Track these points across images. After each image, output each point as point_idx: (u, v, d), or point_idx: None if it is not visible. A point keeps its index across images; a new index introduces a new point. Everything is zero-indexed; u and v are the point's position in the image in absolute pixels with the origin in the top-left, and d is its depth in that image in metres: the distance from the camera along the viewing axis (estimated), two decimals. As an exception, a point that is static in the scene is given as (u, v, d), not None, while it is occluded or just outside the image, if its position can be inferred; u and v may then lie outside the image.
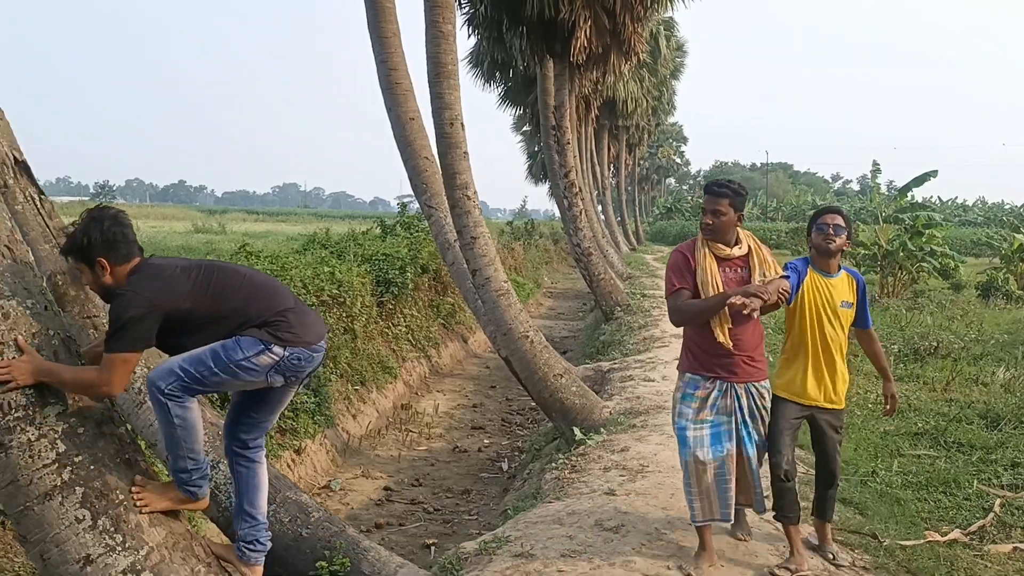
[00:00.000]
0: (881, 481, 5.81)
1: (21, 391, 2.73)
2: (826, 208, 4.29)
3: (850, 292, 4.27)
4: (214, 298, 3.07)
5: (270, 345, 3.06)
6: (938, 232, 19.55)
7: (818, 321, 4.19)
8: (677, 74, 43.25)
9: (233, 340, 3.04)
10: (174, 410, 2.96)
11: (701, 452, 4.05)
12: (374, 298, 12.09)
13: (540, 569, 3.96)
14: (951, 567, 4.38)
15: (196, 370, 2.98)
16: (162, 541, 2.88)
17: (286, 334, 3.09)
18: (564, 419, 7.68)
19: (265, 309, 3.12)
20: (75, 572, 2.72)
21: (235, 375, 3.04)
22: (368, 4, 8.81)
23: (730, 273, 4.10)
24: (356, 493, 8.22)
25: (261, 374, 3.09)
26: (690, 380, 4.16)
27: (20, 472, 2.71)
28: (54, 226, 4.06)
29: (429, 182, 8.92)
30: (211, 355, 3.00)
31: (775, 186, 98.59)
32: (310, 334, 3.19)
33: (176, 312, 2.97)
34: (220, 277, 3.15)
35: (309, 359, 3.20)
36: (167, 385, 2.95)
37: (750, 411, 4.14)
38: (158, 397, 2.97)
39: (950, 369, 9.78)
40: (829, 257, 4.22)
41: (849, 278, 4.30)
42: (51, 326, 2.90)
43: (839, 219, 4.20)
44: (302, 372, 3.23)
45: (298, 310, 3.23)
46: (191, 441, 3.03)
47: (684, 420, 4.13)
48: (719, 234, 4.10)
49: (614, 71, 17.97)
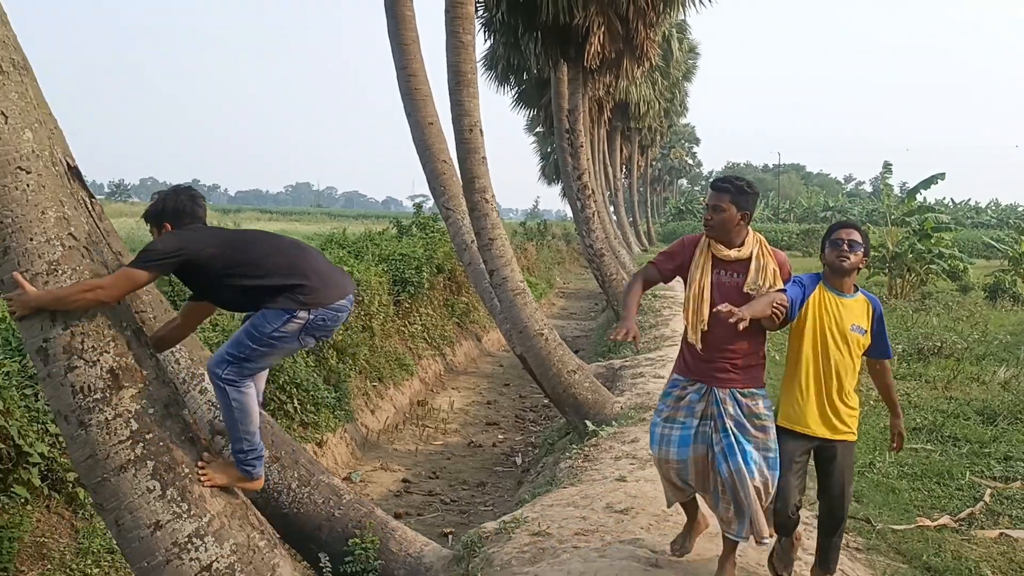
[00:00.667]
0: (878, 472, 6.13)
1: (98, 376, 3.08)
2: (842, 223, 3.99)
3: (864, 317, 3.88)
4: (236, 247, 3.39)
5: (295, 312, 3.30)
6: (946, 234, 19.76)
7: (823, 344, 3.83)
8: (689, 76, 43.51)
9: (260, 315, 3.32)
10: (232, 394, 3.29)
11: (664, 451, 3.93)
12: (391, 297, 12.41)
13: (555, 545, 4.30)
14: (939, 549, 4.70)
15: (239, 351, 3.30)
16: (222, 510, 3.23)
17: (308, 297, 3.32)
18: (577, 413, 8.01)
19: (285, 269, 3.35)
20: (146, 536, 3.08)
21: (273, 346, 3.33)
22: (389, 12, 9.15)
23: (724, 276, 3.88)
24: (376, 485, 8.55)
25: (294, 339, 3.35)
26: (674, 380, 4.06)
27: (98, 447, 3.06)
28: (103, 228, 4.43)
29: (447, 185, 9.27)
30: (246, 335, 3.30)
31: (787, 187, 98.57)
32: (332, 295, 3.39)
33: (203, 255, 3.29)
34: (247, 232, 3.56)
35: (334, 318, 3.43)
36: (223, 372, 3.29)
37: (737, 420, 3.86)
38: (218, 383, 3.30)
39: (952, 368, 10.05)
40: (843, 276, 3.87)
41: (865, 302, 3.92)
42: (124, 318, 3.26)
43: (855, 234, 3.86)
44: (330, 330, 3.48)
45: (321, 271, 3.44)
46: (247, 423, 3.35)
47: (657, 417, 4.04)
48: (717, 231, 3.88)
49: (627, 75, 18.28)
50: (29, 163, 3.10)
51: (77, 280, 3.12)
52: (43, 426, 5.13)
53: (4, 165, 3.04)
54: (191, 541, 3.10)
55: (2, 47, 3.14)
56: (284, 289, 3.32)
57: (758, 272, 3.84)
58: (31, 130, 3.14)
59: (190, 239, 3.34)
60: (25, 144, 3.10)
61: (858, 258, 3.85)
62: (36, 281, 3.06)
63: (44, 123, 3.26)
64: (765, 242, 3.97)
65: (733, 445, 3.79)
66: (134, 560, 3.12)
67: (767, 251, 3.92)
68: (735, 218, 3.84)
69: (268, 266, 3.37)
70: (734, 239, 3.88)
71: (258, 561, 3.25)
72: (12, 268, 3.06)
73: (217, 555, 3.14)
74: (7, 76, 3.11)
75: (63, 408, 3.09)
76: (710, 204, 3.90)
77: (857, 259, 3.84)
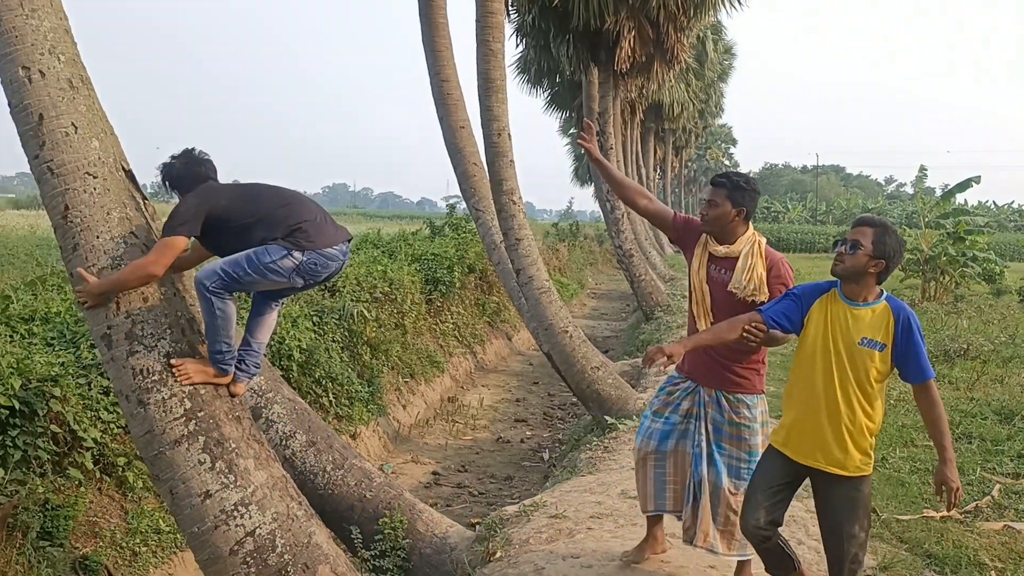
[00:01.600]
0: (890, 467, 6.30)
1: (156, 359, 3.43)
2: (859, 219, 3.49)
3: (882, 330, 3.33)
4: (247, 199, 3.74)
5: (291, 251, 3.64)
6: (980, 237, 19.62)
7: (823, 359, 3.38)
8: (725, 77, 43.34)
9: (262, 247, 3.66)
10: (216, 303, 3.59)
11: (646, 443, 3.99)
12: (423, 296, 12.69)
13: (571, 527, 4.58)
14: (941, 538, 4.88)
15: (234, 271, 3.61)
16: (264, 482, 3.56)
17: (305, 241, 3.67)
18: (600, 408, 8.27)
19: (290, 217, 3.70)
20: (197, 504, 3.42)
21: (264, 275, 3.65)
22: (423, 19, 9.51)
23: (714, 271, 3.88)
24: (406, 476, 8.83)
25: (285, 275, 3.69)
26: (670, 377, 4.10)
27: (155, 424, 3.41)
28: (156, 227, 4.80)
29: (477, 186, 9.59)
30: (245, 259, 3.63)
31: (826, 189, 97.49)
32: (324, 241, 3.72)
33: (217, 209, 3.64)
34: (257, 185, 3.87)
35: (325, 264, 3.77)
36: (211, 283, 3.58)
37: (716, 426, 3.86)
38: (204, 293, 3.60)
39: (978, 370, 10.11)
40: (844, 280, 3.42)
41: (886, 311, 3.34)
42: (179, 308, 3.62)
43: (862, 232, 3.36)
44: (319, 275, 3.80)
45: (317, 221, 3.77)
46: (227, 328, 3.66)
47: (648, 411, 4.11)
48: (711, 225, 3.86)
49: (658, 78, 18.45)
50: (96, 168, 3.46)
51: None
52: (95, 413, 5.45)
53: (74, 171, 3.40)
54: (237, 509, 3.44)
55: (72, 64, 3.51)
56: (287, 233, 3.68)
57: (743, 272, 3.77)
58: (97, 139, 3.51)
59: (205, 195, 3.67)
60: (92, 152, 3.46)
61: (857, 260, 3.32)
62: (101, 276, 3.42)
63: (106, 132, 3.62)
64: (762, 243, 3.89)
65: (705, 450, 3.84)
66: (186, 526, 3.47)
67: (758, 252, 3.83)
68: (730, 214, 3.81)
69: (278, 217, 3.72)
70: (728, 235, 3.86)
71: (296, 529, 3.58)
72: (80, 263, 3.43)
73: (260, 522, 3.48)
74: (76, 91, 3.48)
75: (124, 388, 3.44)
76: (706, 198, 3.90)
77: (855, 262, 3.33)
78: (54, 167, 3.39)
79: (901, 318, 3.31)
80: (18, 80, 3.37)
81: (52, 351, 5.75)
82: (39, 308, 6.60)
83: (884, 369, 3.34)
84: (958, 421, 7.64)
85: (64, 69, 3.45)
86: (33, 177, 3.55)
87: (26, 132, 3.42)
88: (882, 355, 3.30)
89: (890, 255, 3.34)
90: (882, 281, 3.39)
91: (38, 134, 3.39)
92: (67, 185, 3.40)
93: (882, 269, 3.34)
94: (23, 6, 3.38)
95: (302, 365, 8.17)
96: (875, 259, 3.32)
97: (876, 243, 3.32)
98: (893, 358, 3.32)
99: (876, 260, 3.32)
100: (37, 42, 3.39)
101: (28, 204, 43.72)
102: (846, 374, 3.32)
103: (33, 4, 3.40)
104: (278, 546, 3.51)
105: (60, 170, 3.39)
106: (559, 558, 4.22)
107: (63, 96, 3.42)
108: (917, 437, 7.21)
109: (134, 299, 3.46)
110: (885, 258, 3.33)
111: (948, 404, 8.45)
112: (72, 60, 3.51)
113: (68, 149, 3.40)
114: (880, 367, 3.32)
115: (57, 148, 3.39)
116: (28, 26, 3.37)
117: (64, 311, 6.59)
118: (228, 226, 3.67)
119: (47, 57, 3.41)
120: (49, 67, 3.41)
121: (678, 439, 3.95)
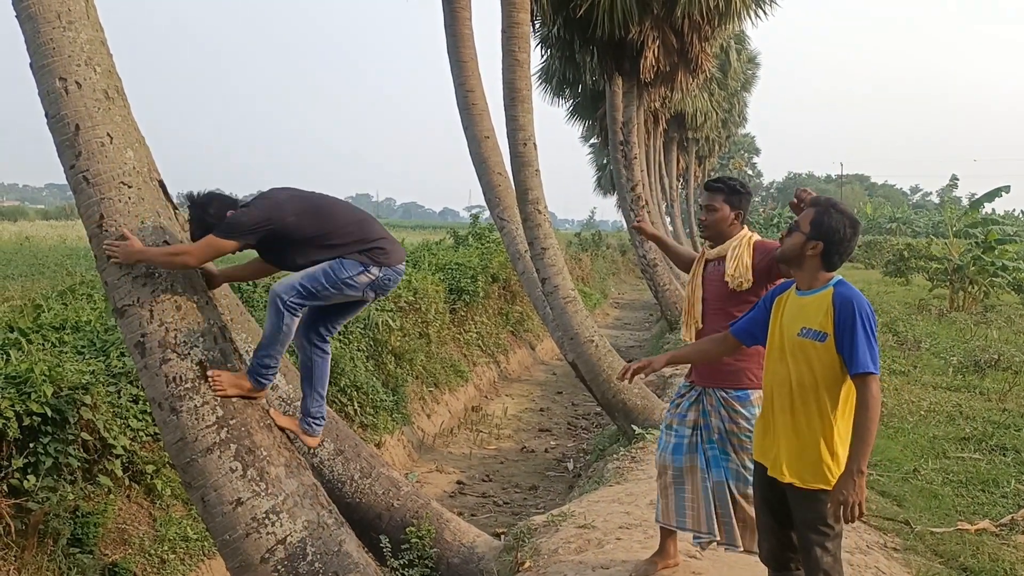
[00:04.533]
0: (922, 479, 6.22)
1: (189, 367, 3.46)
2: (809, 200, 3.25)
3: (822, 317, 2.97)
4: (317, 215, 3.76)
5: (368, 267, 3.74)
6: (1011, 247, 19.38)
7: (777, 356, 3.11)
8: (748, 86, 43.17)
9: (338, 261, 3.71)
10: (286, 319, 3.65)
11: (663, 456, 4.01)
12: (447, 305, 12.72)
13: (600, 537, 4.55)
14: (976, 551, 4.80)
15: (312, 285, 3.67)
16: (295, 490, 3.57)
17: (382, 257, 3.78)
18: (626, 419, 8.23)
19: (364, 235, 3.78)
20: (228, 512, 3.43)
21: (341, 290, 3.73)
22: (448, 31, 9.55)
23: (709, 271, 4.08)
24: (431, 485, 8.82)
25: (360, 290, 3.78)
26: (679, 388, 4.15)
27: (187, 431, 3.44)
28: (185, 237, 4.84)
29: (502, 196, 9.59)
30: (322, 273, 3.68)
31: (851, 198, 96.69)
32: (396, 258, 3.86)
33: (284, 225, 3.65)
34: (324, 199, 3.88)
35: (395, 280, 3.91)
36: (289, 297, 3.64)
37: (721, 435, 3.85)
38: (279, 306, 3.64)
39: (1009, 381, 9.97)
40: (787, 266, 3.21)
41: (829, 297, 2.99)
42: (211, 317, 3.65)
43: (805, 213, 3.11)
44: (387, 290, 3.94)
45: (389, 239, 3.90)
46: (284, 344, 3.72)
47: (663, 424, 4.14)
48: (711, 230, 4.04)
49: (682, 88, 18.41)
50: (130, 178, 3.50)
51: (171, 283, 3.50)
52: (125, 421, 5.49)
53: (110, 181, 3.44)
54: (268, 517, 3.46)
55: (107, 76, 3.56)
56: (365, 249, 3.76)
57: (731, 261, 3.91)
58: (132, 149, 3.55)
59: (271, 211, 3.67)
60: (128, 162, 3.50)
61: (793, 242, 3.06)
62: (136, 283, 3.45)
63: (140, 143, 3.66)
64: (752, 238, 3.98)
65: (718, 457, 3.87)
66: (217, 533, 3.48)
67: (746, 244, 3.94)
68: (728, 217, 4.00)
69: (348, 233, 3.77)
70: (725, 237, 4.02)
71: (326, 537, 3.58)
72: (116, 272, 3.47)
73: (291, 530, 3.48)
74: (112, 102, 3.53)
75: (157, 396, 3.47)
76: (704, 204, 4.05)
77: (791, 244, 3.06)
78: (90, 177, 3.44)
79: (841, 303, 2.94)
80: (55, 91, 3.42)
81: (83, 359, 5.80)
82: (70, 317, 6.67)
83: (830, 362, 2.94)
84: (991, 432, 7.54)
85: (100, 80, 3.50)
86: (69, 187, 3.59)
87: (63, 142, 3.46)
88: (825, 346, 2.94)
89: (829, 235, 2.99)
90: (832, 267, 3.04)
91: (74, 144, 3.43)
92: (103, 195, 3.44)
93: (822, 251, 3.01)
94: (60, 19, 3.43)
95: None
96: (811, 240, 3.00)
97: (813, 223, 3.01)
98: (837, 348, 2.93)
99: (813, 241, 3.00)
100: (74, 54, 3.44)
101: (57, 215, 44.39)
102: (793, 370, 3.01)
103: (70, 16, 3.45)
104: (308, 554, 3.51)
105: (96, 180, 3.43)
106: (588, 568, 4.19)
107: (99, 107, 3.47)
108: (949, 448, 7.12)
109: (167, 307, 3.49)
110: (823, 239, 2.99)
111: (979, 415, 8.34)
112: (108, 72, 3.56)
113: (104, 159, 3.44)
114: (824, 359, 2.95)
115: (93, 158, 3.44)
116: (65, 38, 3.42)
117: (94, 320, 6.66)
118: (294, 239, 3.71)
119: (83, 68, 3.45)
120: (86, 78, 3.45)
121: (691, 453, 3.94)
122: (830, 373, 2.96)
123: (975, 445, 7.26)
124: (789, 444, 3.03)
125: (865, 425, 2.87)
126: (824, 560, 2.98)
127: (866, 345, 2.89)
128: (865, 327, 2.90)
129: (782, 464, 3.03)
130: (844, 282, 3.06)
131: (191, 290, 3.57)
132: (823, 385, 2.97)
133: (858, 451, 2.87)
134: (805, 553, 3.03)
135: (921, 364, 11.39)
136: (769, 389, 3.14)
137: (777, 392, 3.08)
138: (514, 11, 9.07)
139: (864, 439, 2.87)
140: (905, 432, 7.61)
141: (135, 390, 5.54)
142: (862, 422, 2.88)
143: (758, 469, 3.23)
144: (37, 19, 3.40)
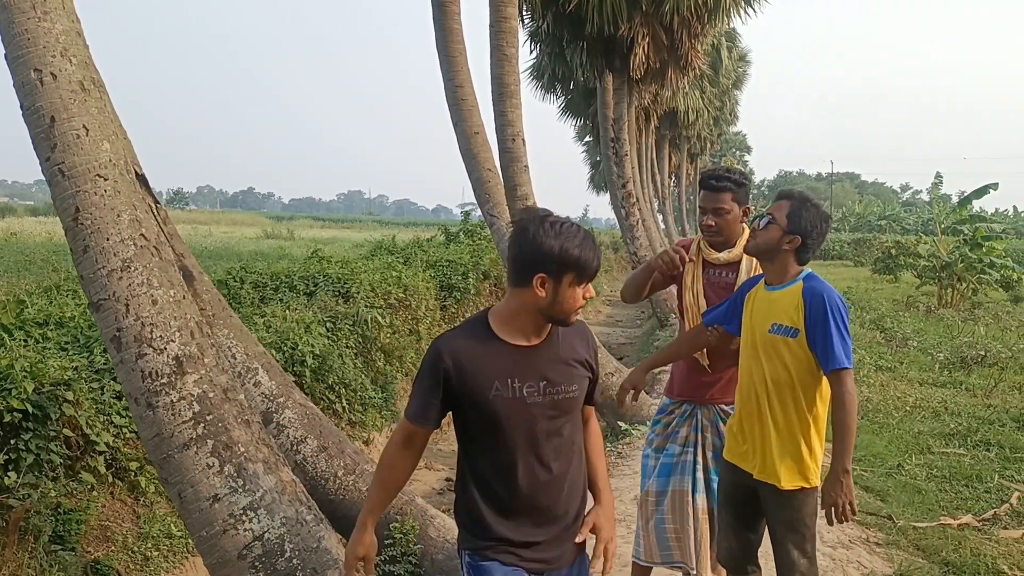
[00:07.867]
0: (906, 474, 6.23)
1: (165, 362, 3.42)
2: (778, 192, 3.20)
3: (793, 313, 2.93)
4: None
5: None
6: (998, 244, 19.47)
7: (750, 353, 3.07)
8: (740, 84, 43.25)
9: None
10: None
11: (649, 482, 3.68)
12: (438, 302, 12.70)
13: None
14: (958, 546, 4.81)
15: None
16: (273, 487, 3.54)
17: None
18: (614, 414, 8.24)
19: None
20: (206, 508, 3.40)
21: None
22: (437, 26, 9.52)
23: (714, 276, 3.56)
24: (420, 483, 8.81)
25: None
26: (662, 406, 3.79)
27: (164, 427, 3.40)
28: (167, 231, 4.80)
29: (492, 192, 9.57)
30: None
31: (841, 196, 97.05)
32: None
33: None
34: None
35: None
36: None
37: (715, 452, 3.54)
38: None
39: (995, 377, 10.00)
40: (760, 260, 3.17)
41: (799, 291, 2.95)
42: (188, 312, 3.61)
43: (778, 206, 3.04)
44: None
45: None
46: None
47: (648, 448, 3.79)
48: (723, 235, 3.48)
49: (672, 85, 18.43)
50: (106, 171, 3.46)
51: (147, 278, 3.46)
52: (108, 418, 5.45)
53: (85, 173, 3.40)
54: (245, 513, 3.42)
55: (84, 67, 3.52)
56: None
57: (747, 274, 3.44)
58: (108, 141, 3.51)
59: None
60: (103, 154, 3.46)
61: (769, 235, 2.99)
62: (111, 277, 3.41)
63: (118, 135, 3.63)
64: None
65: (702, 478, 3.55)
66: (195, 529, 3.45)
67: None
68: (739, 216, 3.49)
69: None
70: (732, 239, 3.51)
71: (305, 533, 3.56)
72: (91, 265, 3.42)
73: (268, 526, 3.46)
74: (88, 93, 3.49)
75: (133, 391, 3.43)
76: (712, 207, 3.45)
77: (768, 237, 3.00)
78: (65, 169, 3.40)
79: (811, 297, 2.89)
80: (30, 82, 3.38)
81: (66, 355, 5.77)
82: (54, 313, 6.64)
83: (803, 358, 2.90)
84: (976, 428, 7.56)
85: (76, 72, 3.46)
86: (45, 180, 3.56)
87: (38, 134, 3.42)
88: (797, 342, 2.90)
89: (806, 230, 2.97)
90: (804, 261, 3.02)
91: (50, 136, 3.39)
92: (78, 187, 3.40)
93: (799, 246, 2.98)
94: (35, 9, 3.39)
95: (315, 371, 8.17)
96: (788, 234, 2.96)
97: (791, 216, 2.97)
98: (809, 344, 2.88)
99: (790, 236, 2.97)
100: (49, 45, 3.40)
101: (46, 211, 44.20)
102: (768, 368, 2.96)
103: (46, 7, 3.42)
104: (287, 550, 3.48)
105: (71, 172, 3.39)
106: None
107: (75, 99, 3.43)
108: (934, 444, 7.13)
109: (143, 302, 3.45)
110: (801, 234, 2.97)
111: (964, 410, 8.36)
112: (84, 63, 3.52)
113: (79, 151, 3.40)
114: (798, 355, 2.90)
115: (68, 150, 3.39)
116: (40, 29, 3.39)
117: (78, 316, 6.62)
118: None
119: (59, 60, 3.41)
120: (61, 69, 3.41)
121: (678, 474, 3.61)
122: (805, 369, 2.92)
123: (960, 441, 7.28)
124: (767, 444, 2.97)
125: (845, 423, 2.83)
126: (800, 563, 2.95)
127: (839, 340, 2.84)
128: (837, 322, 2.85)
129: (760, 464, 2.99)
130: (814, 275, 3.02)
131: (168, 284, 3.54)
132: (799, 382, 2.93)
133: (841, 451, 2.83)
134: (781, 555, 2.98)
135: (908, 360, 11.43)
136: (744, 388, 3.09)
137: (753, 391, 3.03)
138: (502, 5, 9.07)
139: (845, 438, 2.83)
140: (890, 428, 7.62)
141: (118, 386, 5.51)
142: (841, 420, 2.83)
143: (726, 467, 3.20)
144: (11, 9, 3.37)
